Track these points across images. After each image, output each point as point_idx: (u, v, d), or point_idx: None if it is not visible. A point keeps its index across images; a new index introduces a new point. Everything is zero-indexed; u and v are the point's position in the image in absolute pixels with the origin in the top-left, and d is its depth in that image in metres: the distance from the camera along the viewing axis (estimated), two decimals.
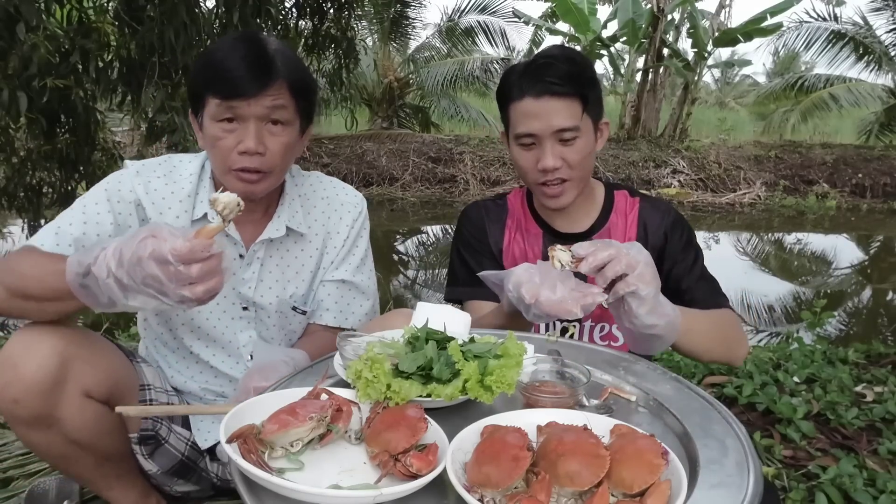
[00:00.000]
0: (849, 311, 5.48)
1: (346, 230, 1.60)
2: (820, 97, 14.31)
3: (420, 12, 14.93)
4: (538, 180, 1.51)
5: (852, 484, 1.88)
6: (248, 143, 1.32)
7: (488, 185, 11.36)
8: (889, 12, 12.98)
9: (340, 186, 1.65)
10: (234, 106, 1.31)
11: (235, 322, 1.52)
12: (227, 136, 1.33)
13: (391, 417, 0.95)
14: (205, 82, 1.33)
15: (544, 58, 1.50)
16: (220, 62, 1.31)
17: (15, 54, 3.36)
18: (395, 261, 7.25)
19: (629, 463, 0.82)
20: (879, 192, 11.25)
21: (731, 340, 1.48)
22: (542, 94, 1.46)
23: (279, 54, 1.35)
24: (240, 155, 1.33)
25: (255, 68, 1.31)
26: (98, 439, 1.33)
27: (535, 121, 1.47)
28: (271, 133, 1.35)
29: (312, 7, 5.16)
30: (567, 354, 1.20)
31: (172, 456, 1.45)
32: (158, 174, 1.46)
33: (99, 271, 1.01)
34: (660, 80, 13.10)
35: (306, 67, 1.46)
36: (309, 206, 1.57)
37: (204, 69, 1.35)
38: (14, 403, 1.22)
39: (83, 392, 1.27)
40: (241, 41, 1.35)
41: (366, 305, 1.63)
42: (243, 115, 1.32)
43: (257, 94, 1.30)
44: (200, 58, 1.41)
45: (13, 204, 4.42)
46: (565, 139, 1.47)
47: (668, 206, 1.64)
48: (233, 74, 1.30)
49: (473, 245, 1.69)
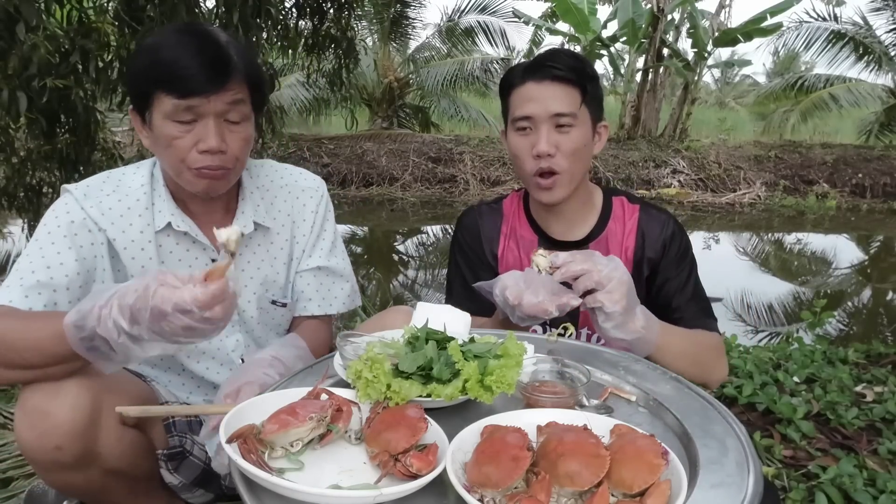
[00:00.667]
0: (849, 311, 5.48)
1: (311, 216, 1.58)
2: (820, 97, 14.31)
3: (420, 12, 14.95)
4: (532, 169, 1.51)
5: (852, 484, 1.88)
6: (210, 141, 1.27)
7: (488, 185, 11.36)
8: (889, 12, 12.98)
9: (297, 172, 1.62)
10: (192, 105, 1.25)
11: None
12: (185, 136, 1.28)
13: (391, 417, 0.95)
14: (155, 80, 1.26)
15: (547, 51, 1.55)
16: (173, 59, 1.24)
17: (15, 54, 3.35)
18: (395, 261, 7.25)
19: (629, 463, 0.82)
20: (879, 192, 11.24)
21: (707, 364, 1.47)
22: (543, 79, 1.49)
23: (233, 47, 1.30)
24: (201, 154, 1.29)
25: (214, 64, 1.25)
26: (134, 463, 1.30)
27: (534, 104, 1.48)
28: (230, 129, 1.31)
29: (312, 7, 5.15)
30: (567, 354, 1.20)
31: (196, 467, 1.43)
32: (107, 192, 1.40)
33: (108, 333, 0.98)
34: (660, 80, 13.10)
35: (256, 58, 1.42)
36: (270, 196, 1.54)
37: (153, 66, 1.26)
38: (58, 451, 1.15)
39: (119, 420, 1.23)
40: (189, 35, 1.28)
41: (346, 288, 1.62)
42: (202, 113, 1.27)
43: (217, 91, 1.26)
44: (143, 53, 1.31)
45: (13, 204, 4.42)
46: (561, 125, 1.48)
47: (667, 216, 1.62)
48: (190, 72, 1.23)
49: (469, 255, 1.69)
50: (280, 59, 9.00)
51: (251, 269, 1.52)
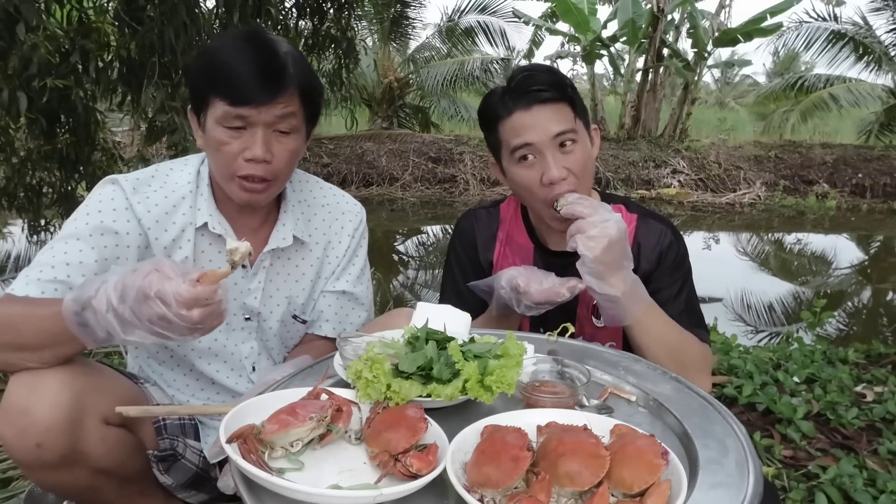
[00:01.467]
0: (849, 311, 5.47)
1: (347, 240, 1.58)
2: (820, 97, 14.31)
3: (420, 12, 14.91)
4: (546, 198, 1.44)
5: (852, 484, 1.88)
6: (256, 150, 1.28)
7: (488, 185, 11.36)
8: (889, 12, 12.98)
9: (340, 194, 1.63)
10: (242, 113, 1.26)
11: (237, 333, 1.50)
12: (233, 142, 1.29)
13: (391, 417, 0.95)
14: (210, 84, 1.28)
15: (521, 72, 1.48)
16: (229, 65, 1.25)
17: (15, 54, 3.35)
18: (395, 261, 7.24)
19: (629, 463, 0.82)
20: (879, 192, 11.24)
21: (687, 366, 1.35)
22: (531, 105, 1.43)
23: (290, 58, 1.30)
24: (246, 161, 1.30)
25: (268, 75, 1.26)
26: (122, 463, 1.29)
27: (531, 131, 1.43)
28: (279, 140, 1.31)
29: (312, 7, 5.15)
30: (567, 354, 1.20)
31: (188, 469, 1.43)
32: (154, 188, 1.40)
33: (99, 304, 0.99)
34: (660, 80, 13.10)
35: (314, 70, 1.42)
36: (310, 213, 1.55)
37: (210, 70, 1.29)
38: (38, 448, 1.14)
39: (102, 419, 1.23)
40: (250, 42, 1.29)
41: (363, 316, 1.63)
42: (252, 122, 1.28)
43: (268, 102, 1.26)
44: (204, 55, 1.34)
45: (13, 204, 4.42)
46: (564, 144, 1.44)
47: (665, 227, 1.59)
48: (243, 80, 1.24)
49: (463, 261, 1.69)
50: None
51: (279, 280, 1.52)
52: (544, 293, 1.37)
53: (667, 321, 1.42)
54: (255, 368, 1.52)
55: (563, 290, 1.37)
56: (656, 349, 1.38)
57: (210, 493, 1.52)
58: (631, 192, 11.01)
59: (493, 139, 1.52)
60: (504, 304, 1.47)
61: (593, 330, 1.59)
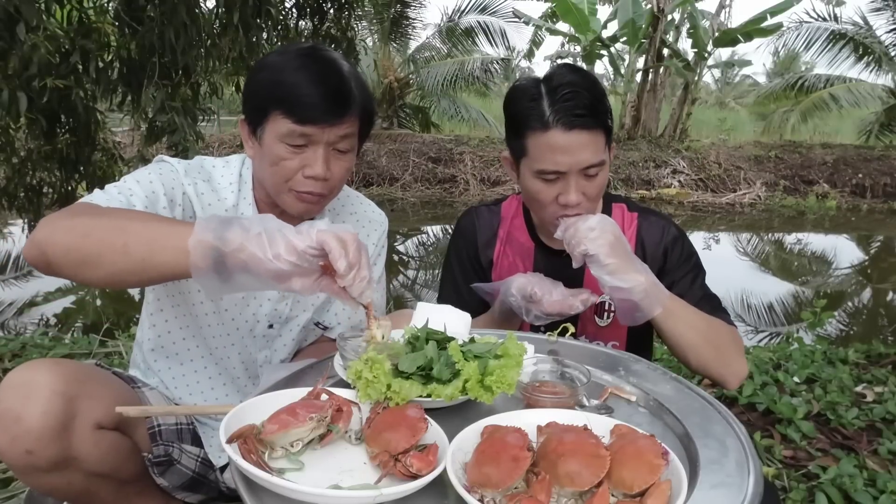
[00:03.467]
0: (849, 311, 5.48)
1: (371, 248, 1.58)
2: (820, 97, 14.31)
3: (420, 12, 14.95)
4: (555, 214, 1.43)
5: (852, 484, 1.88)
6: (317, 169, 1.29)
7: (488, 185, 11.37)
8: (889, 12, 12.98)
9: (367, 202, 1.65)
10: (307, 133, 1.27)
11: (257, 340, 1.51)
12: (294, 157, 1.29)
13: (391, 418, 0.95)
14: (275, 100, 1.27)
15: (568, 86, 1.37)
16: (296, 84, 1.25)
17: (15, 54, 3.36)
18: (396, 261, 7.24)
19: (629, 463, 0.82)
20: (879, 193, 11.25)
21: (724, 350, 1.39)
22: (572, 128, 1.35)
23: (353, 79, 1.31)
24: (306, 178, 1.30)
25: (335, 97, 1.27)
26: (118, 466, 1.29)
27: (565, 156, 1.36)
28: (336, 158, 1.33)
29: (312, 7, 5.16)
30: (567, 354, 1.20)
31: (183, 474, 1.43)
32: (202, 178, 1.41)
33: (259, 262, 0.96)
34: (660, 80, 13.11)
35: (371, 91, 1.42)
36: (339, 221, 1.55)
37: (274, 86, 1.27)
38: (29, 455, 1.15)
39: (94, 425, 1.22)
40: (314, 61, 1.29)
41: None
42: (315, 141, 1.28)
43: (334, 123, 1.27)
44: (266, 70, 1.31)
45: (13, 204, 4.43)
46: (590, 175, 1.40)
47: (667, 222, 1.59)
48: (311, 100, 1.25)
49: (463, 259, 1.69)
50: None
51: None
52: (557, 305, 1.36)
53: (693, 308, 1.41)
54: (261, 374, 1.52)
55: (576, 303, 1.37)
56: (692, 336, 1.36)
57: (208, 494, 1.52)
58: (631, 192, 11.02)
59: (518, 144, 1.44)
60: (509, 309, 1.46)
61: (596, 329, 1.59)
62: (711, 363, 1.39)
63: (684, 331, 1.36)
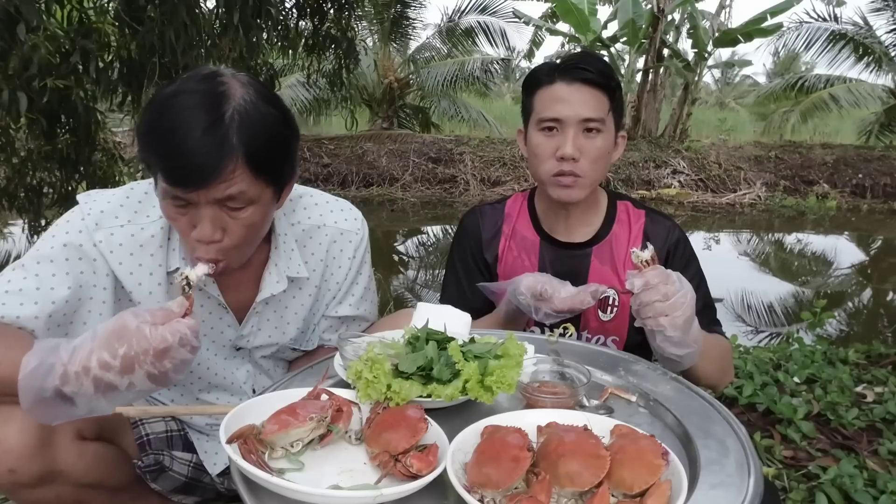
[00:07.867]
0: (849, 312, 5.47)
1: (347, 263, 1.45)
2: (820, 97, 14.30)
3: (420, 13, 14.90)
4: (552, 171, 1.49)
5: (852, 484, 1.88)
6: (203, 231, 1.10)
7: (488, 185, 11.36)
8: (889, 12, 12.97)
9: (338, 209, 1.46)
10: (179, 195, 1.08)
11: (230, 362, 1.45)
12: (181, 218, 1.12)
13: (391, 418, 0.95)
14: (146, 152, 1.09)
15: (579, 53, 1.55)
16: (163, 135, 1.05)
17: (15, 55, 3.36)
18: (395, 261, 7.24)
19: (629, 463, 0.82)
20: (880, 193, 11.23)
21: (726, 369, 1.51)
22: (574, 81, 1.47)
23: (236, 122, 1.05)
24: (196, 241, 1.12)
25: (202, 152, 1.03)
26: (107, 475, 1.28)
27: (565, 106, 1.47)
28: (231, 216, 1.12)
29: (312, 7, 5.17)
30: (567, 355, 1.20)
31: (175, 480, 1.41)
32: (122, 221, 1.24)
33: (80, 389, 0.88)
34: (660, 80, 13.10)
35: (276, 122, 1.13)
36: (304, 238, 1.39)
37: (145, 136, 1.08)
38: (11, 474, 1.13)
39: (76, 436, 1.20)
40: (190, 107, 1.05)
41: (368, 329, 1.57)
42: (193, 201, 1.09)
43: (206, 184, 1.05)
44: (149, 110, 1.10)
45: (13, 204, 4.43)
46: (589, 130, 1.47)
47: (672, 224, 1.62)
48: (174, 159, 1.04)
49: (466, 257, 1.69)
50: (280, 60, 8.98)
51: (276, 318, 1.43)
52: (568, 302, 1.35)
53: (711, 339, 1.40)
54: (256, 390, 1.47)
55: (587, 298, 1.35)
56: (712, 370, 1.39)
57: (206, 495, 1.51)
58: (631, 192, 11.01)
59: (528, 103, 1.56)
60: (515, 309, 1.46)
61: (599, 324, 1.58)
62: (715, 382, 1.46)
63: (707, 367, 1.37)
